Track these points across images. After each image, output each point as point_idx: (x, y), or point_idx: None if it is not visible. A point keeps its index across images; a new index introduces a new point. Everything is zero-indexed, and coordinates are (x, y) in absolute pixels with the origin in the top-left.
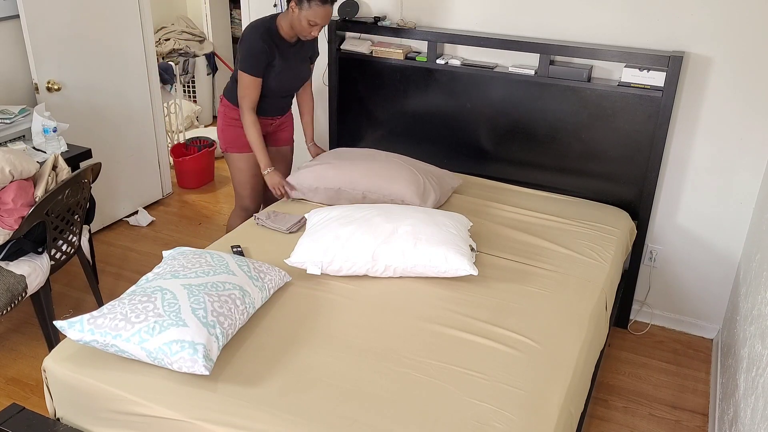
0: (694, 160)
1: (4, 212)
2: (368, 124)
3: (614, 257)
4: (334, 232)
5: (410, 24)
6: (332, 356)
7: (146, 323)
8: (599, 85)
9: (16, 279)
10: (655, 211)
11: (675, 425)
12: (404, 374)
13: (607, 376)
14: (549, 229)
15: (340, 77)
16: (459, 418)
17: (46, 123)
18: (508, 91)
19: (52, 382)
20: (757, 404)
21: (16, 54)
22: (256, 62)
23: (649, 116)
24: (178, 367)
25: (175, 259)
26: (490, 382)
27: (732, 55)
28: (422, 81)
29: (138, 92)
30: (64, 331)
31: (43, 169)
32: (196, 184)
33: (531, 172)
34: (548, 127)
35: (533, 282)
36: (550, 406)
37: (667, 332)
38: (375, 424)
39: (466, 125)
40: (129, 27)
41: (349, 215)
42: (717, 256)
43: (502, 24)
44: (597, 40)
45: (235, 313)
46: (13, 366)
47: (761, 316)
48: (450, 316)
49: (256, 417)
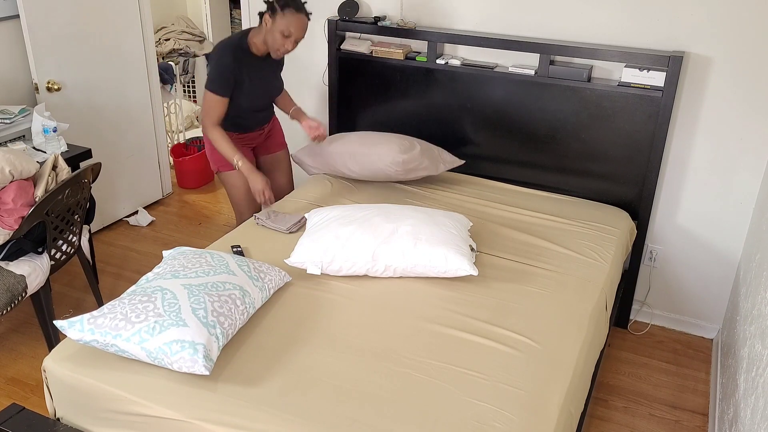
0: (694, 160)
1: (4, 212)
2: (368, 124)
3: (614, 257)
4: (334, 232)
5: (410, 24)
6: (332, 356)
7: (146, 323)
8: (599, 85)
9: (16, 279)
10: (655, 211)
11: (675, 425)
12: (404, 374)
13: (607, 376)
14: (549, 229)
15: (339, 77)
16: (459, 418)
17: (46, 123)
18: (508, 91)
19: (52, 382)
20: (757, 404)
21: (16, 54)
22: (224, 82)
23: (649, 116)
24: (178, 367)
25: (175, 259)
26: (490, 382)
27: (732, 55)
28: (422, 81)
29: (138, 92)
30: (64, 331)
31: (43, 169)
32: (196, 184)
33: (531, 172)
34: (548, 127)
35: (533, 282)
36: (550, 406)
37: (667, 332)
38: (375, 424)
39: (466, 125)
40: (129, 27)
41: (349, 215)
42: (717, 256)
43: (502, 24)
44: (597, 40)
45: (235, 313)
46: (13, 366)
47: (761, 316)
48: (450, 316)
49: (256, 417)
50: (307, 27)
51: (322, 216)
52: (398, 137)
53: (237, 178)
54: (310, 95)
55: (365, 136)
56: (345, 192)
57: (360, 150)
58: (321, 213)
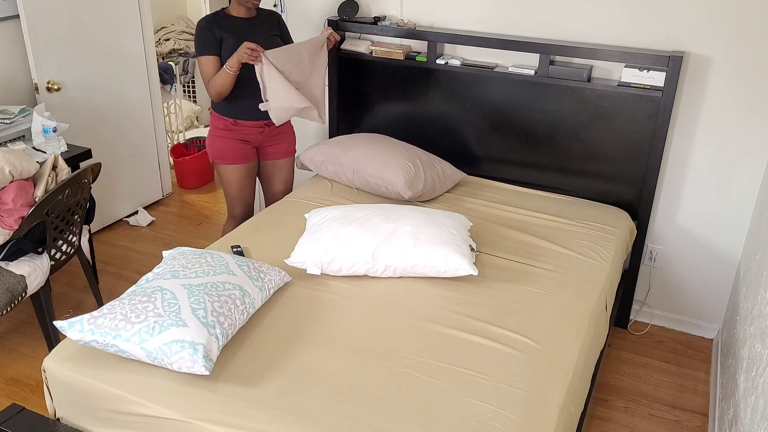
0: (694, 160)
1: (4, 212)
2: (368, 124)
3: (614, 257)
4: (334, 232)
5: (410, 24)
6: (332, 356)
7: (146, 323)
8: (599, 85)
9: (16, 279)
10: (655, 211)
11: (675, 425)
12: (404, 374)
13: (607, 376)
14: (549, 229)
15: (339, 77)
16: (459, 418)
17: (46, 123)
18: (508, 91)
19: (52, 382)
20: (757, 404)
21: (16, 54)
22: (206, 41)
23: (649, 116)
24: (178, 367)
25: (175, 259)
26: (490, 382)
27: (732, 55)
28: (422, 81)
29: (138, 92)
30: (64, 331)
31: (43, 169)
32: (196, 184)
33: (531, 172)
34: (548, 127)
35: (533, 282)
36: (550, 406)
37: (667, 332)
38: (375, 424)
39: (466, 125)
40: (129, 27)
41: (349, 215)
42: (717, 256)
43: (502, 24)
44: (597, 40)
45: (235, 313)
46: (13, 366)
47: (761, 316)
48: (450, 316)
49: (256, 417)
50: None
51: (322, 216)
52: (401, 157)
53: (231, 172)
54: None
55: (368, 154)
56: (345, 192)
57: (364, 169)
58: (321, 213)
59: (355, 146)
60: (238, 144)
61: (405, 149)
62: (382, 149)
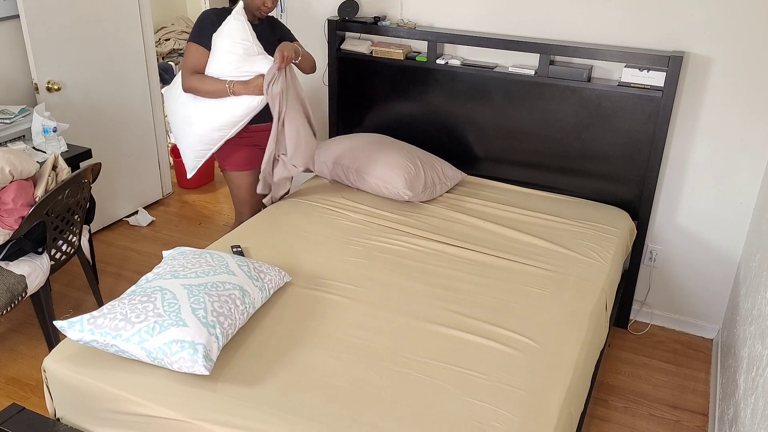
0: (694, 160)
1: (4, 212)
2: (368, 124)
3: (614, 257)
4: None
5: (410, 24)
6: (332, 356)
7: (146, 323)
8: (599, 85)
9: (16, 279)
10: (655, 211)
11: (675, 425)
12: (404, 374)
13: (607, 376)
14: (549, 229)
15: (339, 77)
16: (459, 418)
17: (46, 123)
18: (508, 91)
19: (52, 382)
20: (757, 404)
21: (16, 54)
22: (203, 32)
23: (649, 116)
24: (178, 367)
25: (175, 259)
26: (489, 382)
27: (732, 55)
28: (422, 81)
29: (138, 92)
30: (64, 331)
31: (43, 169)
32: (196, 184)
33: (531, 172)
34: (548, 127)
35: (533, 282)
36: (550, 406)
37: (667, 332)
38: (375, 423)
39: (465, 125)
40: (129, 27)
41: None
42: (717, 256)
43: (502, 24)
44: (597, 40)
45: (235, 313)
46: (13, 366)
47: (761, 316)
48: (450, 316)
49: (256, 417)
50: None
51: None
52: (401, 157)
53: (241, 177)
54: (310, 95)
55: (368, 154)
56: (345, 192)
57: (364, 169)
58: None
59: (355, 146)
60: (250, 150)
61: (405, 149)
62: (382, 149)
